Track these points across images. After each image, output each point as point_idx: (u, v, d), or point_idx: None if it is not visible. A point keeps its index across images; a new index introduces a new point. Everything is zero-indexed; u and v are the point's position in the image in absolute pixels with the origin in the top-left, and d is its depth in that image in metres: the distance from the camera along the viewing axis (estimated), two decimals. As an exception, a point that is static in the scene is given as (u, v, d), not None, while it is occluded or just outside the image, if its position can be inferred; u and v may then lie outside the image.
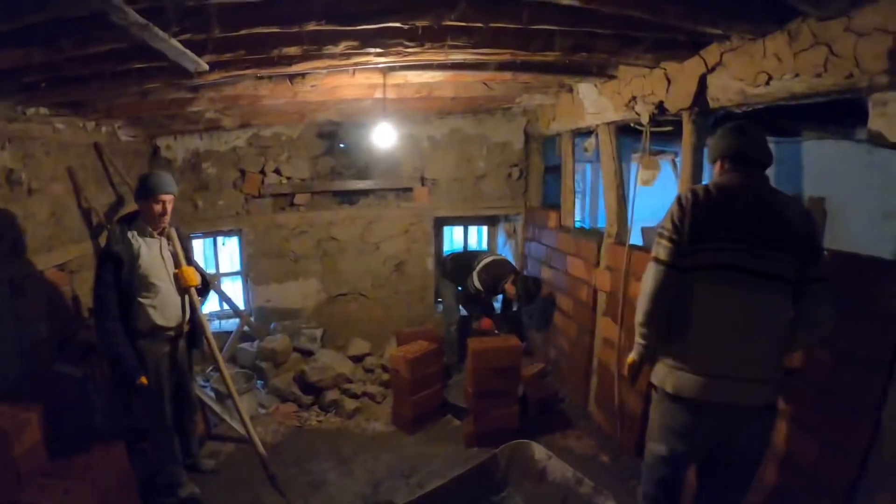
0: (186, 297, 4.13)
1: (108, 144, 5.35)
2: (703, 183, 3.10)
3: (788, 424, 2.93)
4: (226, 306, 6.84)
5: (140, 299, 3.91)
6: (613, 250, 4.82)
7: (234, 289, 7.24)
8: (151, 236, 4.00)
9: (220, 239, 7.15)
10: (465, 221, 7.89)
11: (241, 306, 6.96)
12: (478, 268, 6.22)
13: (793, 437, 2.91)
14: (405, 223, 7.09)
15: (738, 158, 2.82)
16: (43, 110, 4.23)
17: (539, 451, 3.70)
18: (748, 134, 2.84)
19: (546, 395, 5.74)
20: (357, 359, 6.67)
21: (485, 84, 5.01)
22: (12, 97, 3.57)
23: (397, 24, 3.04)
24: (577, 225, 6.33)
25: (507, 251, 7.54)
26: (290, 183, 6.81)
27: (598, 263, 5.07)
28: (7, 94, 3.49)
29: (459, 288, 6.53)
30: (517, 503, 3.72)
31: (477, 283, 6.19)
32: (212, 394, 5.47)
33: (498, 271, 6.18)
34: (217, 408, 5.26)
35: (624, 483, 4.24)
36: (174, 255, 4.10)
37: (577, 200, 6.57)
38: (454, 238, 8.73)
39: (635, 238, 4.84)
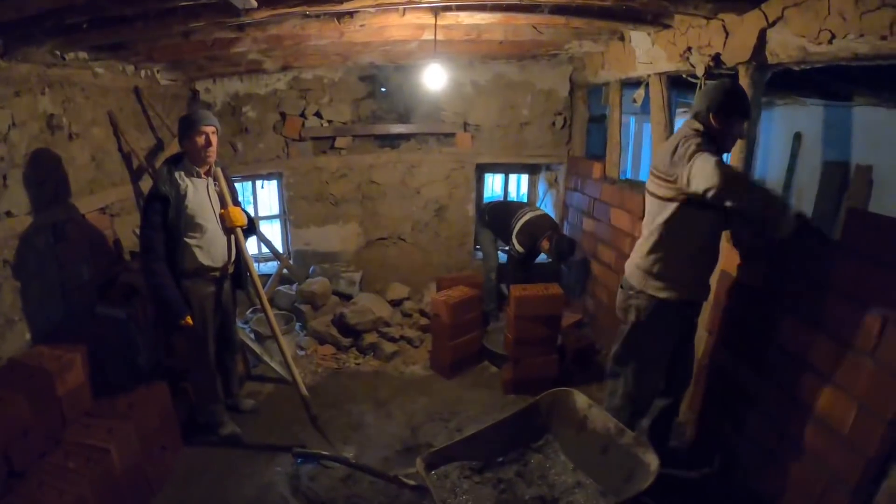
0: (232, 237, 4.14)
1: (148, 88, 5.35)
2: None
3: (829, 389, 2.87)
4: (265, 249, 6.87)
5: (186, 239, 3.93)
6: (660, 203, 4.73)
7: (274, 232, 7.30)
8: (198, 176, 3.99)
9: (259, 182, 7.16)
10: (507, 169, 7.80)
11: (281, 249, 7.01)
12: (516, 229, 6.18)
13: (832, 401, 2.85)
14: (447, 168, 7.04)
15: None
16: (82, 55, 4.19)
17: (581, 399, 3.68)
18: None
19: (582, 345, 5.73)
20: (396, 303, 6.72)
21: (535, 28, 4.88)
22: (53, 40, 3.51)
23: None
24: (622, 177, 6.23)
25: (547, 200, 7.46)
26: (331, 126, 6.77)
27: (643, 216, 4.99)
28: (49, 37, 3.44)
29: (497, 239, 6.48)
30: (556, 450, 3.73)
31: (518, 247, 6.16)
32: (251, 335, 5.53)
33: (535, 230, 6.13)
34: (257, 349, 5.33)
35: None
36: (220, 196, 4.09)
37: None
38: (492, 186, 8.68)
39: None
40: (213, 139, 3.94)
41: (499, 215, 6.50)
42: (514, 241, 6.18)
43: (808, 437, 2.98)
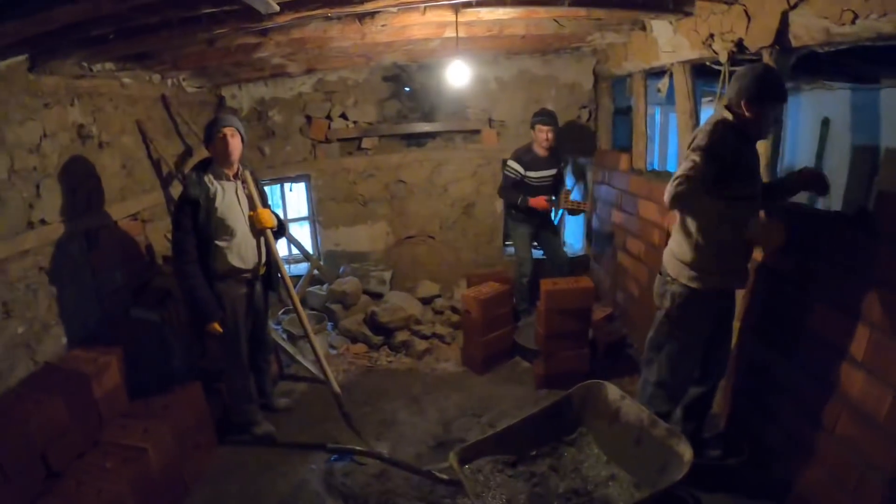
0: (262, 238, 4.19)
1: (175, 96, 5.46)
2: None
3: (863, 375, 2.82)
4: (295, 251, 6.94)
5: (217, 242, 3.99)
6: (688, 192, 4.68)
7: (303, 233, 7.36)
8: (227, 179, 4.05)
9: (287, 185, 7.22)
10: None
11: (310, 250, 7.06)
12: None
13: (866, 388, 2.79)
14: (473, 165, 7.04)
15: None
16: (109, 65, 4.28)
17: (613, 391, 3.66)
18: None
19: (614, 339, 5.69)
20: (426, 301, 6.74)
21: (556, 21, 4.87)
22: (79, 52, 3.60)
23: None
24: (649, 168, 6.17)
25: (575, 194, 7.41)
26: (356, 127, 6.81)
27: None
28: (75, 49, 3.53)
29: (513, 208, 6.33)
30: (589, 443, 3.71)
31: (515, 166, 6.08)
32: (284, 335, 5.59)
33: (522, 145, 6.22)
34: (290, 349, 5.38)
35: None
36: (249, 198, 4.15)
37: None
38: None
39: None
40: (231, 140, 3.98)
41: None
42: (508, 165, 6.15)
43: (842, 426, 2.93)
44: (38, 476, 2.98)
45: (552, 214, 6.41)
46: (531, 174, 6.10)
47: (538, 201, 5.99)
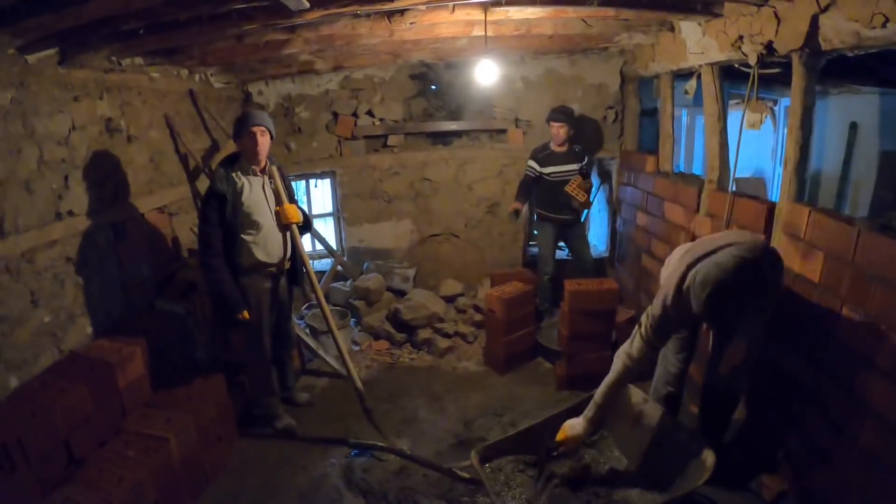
0: (288, 233, 4.22)
1: (202, 91, 5.52)
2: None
3: (888, 386, 2.74)
4: (319, 246, 6.97)
5: (243, 236, 4.03)
6: (715, 196, 4.60)
7: (328, 230, 7.40)
8: (254, 174, 4.09)
9: (312, 181, 7.26)
10: (558, 164, 7.70)
11: (335, 246, 7.10)
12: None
13: (891, 399, 2.71)
14: (498, 165, 7.02)
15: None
16: (138, 60, 4.33)
17: (636, 394, 3.65)
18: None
19: (638, 341, 5.64)
20: (449, 299, 6.74)
21: (584, 21, 4.84)
22: (109, 46, 3.62)
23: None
24: (676, 171, 6.11)
25: (600, 195, 7.38)
26: (383, 125, 6.82)
27: (698, 210, 4.88)
28: (105, 43, 3.56)
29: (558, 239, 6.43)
30: (610, 445, 3.71)
31: (530, 163, 6.17)
32: (307, 330, 5.61)
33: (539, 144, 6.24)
34: (312, 343, 5.40)
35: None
36: (276, 193, 4.17)
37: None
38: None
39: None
40: (260, 138, 4.02)
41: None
42: (527, 164, 6.24)
43: (867, 436, 2.87)
44: (61, 462, 3.02)
45: (580, 215, 6.38)
46: (547, 170, 6.14)
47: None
